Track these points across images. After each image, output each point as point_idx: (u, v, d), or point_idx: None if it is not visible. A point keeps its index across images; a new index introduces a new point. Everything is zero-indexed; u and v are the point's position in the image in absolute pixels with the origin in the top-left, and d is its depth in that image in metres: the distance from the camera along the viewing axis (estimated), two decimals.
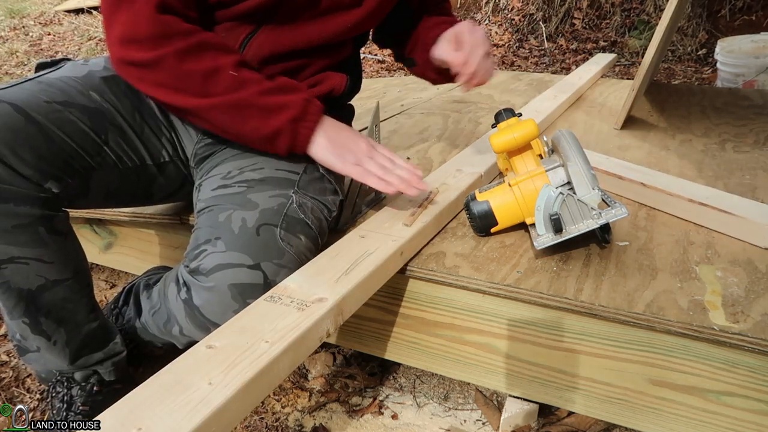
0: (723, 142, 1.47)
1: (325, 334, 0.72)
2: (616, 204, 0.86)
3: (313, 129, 0.91)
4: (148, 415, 0.54)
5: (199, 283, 0.82)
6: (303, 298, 0.73)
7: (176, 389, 0.57)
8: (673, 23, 1.61)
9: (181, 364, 0.62)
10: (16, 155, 0.77)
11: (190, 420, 0.53)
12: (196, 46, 0.84)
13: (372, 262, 0.82)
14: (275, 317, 0.70)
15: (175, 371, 0.60)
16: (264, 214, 0.85)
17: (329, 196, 0.97)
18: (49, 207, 0.83)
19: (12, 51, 4.30)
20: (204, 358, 0.62)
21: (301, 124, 0.89)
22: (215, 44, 0.87)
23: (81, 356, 0.94)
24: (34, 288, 0.84)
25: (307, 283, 0.78)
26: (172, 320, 0.90)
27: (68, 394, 0.97)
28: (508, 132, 0.94)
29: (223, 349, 0.64)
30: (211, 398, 0.56)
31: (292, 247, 0.85)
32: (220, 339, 0.66)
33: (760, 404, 0.78)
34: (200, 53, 0.85)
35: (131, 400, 0.57)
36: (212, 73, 0.85)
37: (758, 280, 0.85)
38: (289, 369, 0.67)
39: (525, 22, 4.35)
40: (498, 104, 1.93)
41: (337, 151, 0.92)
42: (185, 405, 0.55)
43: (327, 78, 1.03)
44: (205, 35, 0.87)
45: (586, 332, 0.85)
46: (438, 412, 1.07)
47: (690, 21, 3.85)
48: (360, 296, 0.80)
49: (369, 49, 4.31)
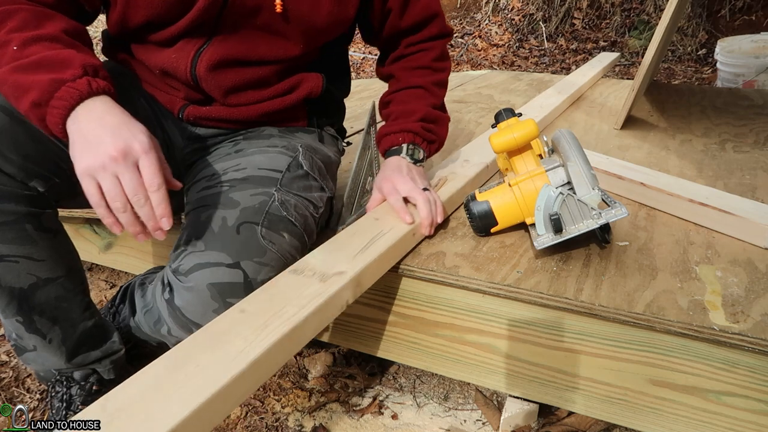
0: (723, 142, 1.47)
1: (345, 303, 0.79)
2: (616, 204, 0.86)
3: (60, 116, 0.72)
4: (193, 364, 0.62)
5: (180, 283, 0.82)
6: (324, 271, 0.80)
7: (218, 343, 0.65)
8: (673, 23, 1.61)
9: (219, 325, 0.69)
10: (0, 154, 0.78)
11: (225, 374, 0.60)
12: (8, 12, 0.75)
13: (387, 241, 0.88)
14: (300, 287, 0.76)
15: (214, 330, 0.68)
16: (245, 213, 0.85)
17: (315, 193, 0.96)
18: (36, 204, 0.83)
19: None
20: (239, 320, 0.70)
21: (45, 110, 0.72)
22: (24, 18, 0.76)
23: (78, 354, 0.94)
24: (26, 286, 0.84)
25: (328, 258, 0.84)
26: (161, 320, 0.90)
27: (67, 394, 0.97)
28: (508, 132, 0.94)
29: (254, 313, 0.71)
30: (249, 351, 0.63)
31: (275, 245, 0.84)
32: (251, 304, 0.73)
33: (760, 404, 0.78)
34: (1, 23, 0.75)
35: (183, 347, 0.65)
36: (4, 43, 0.74)
37: (758, 280, 0.85)
38: (314, 332, 0.74)
39: (525, 22, 4.35)
40: (498, 104, 1.93)
41: (82, 147, 0.71)
42: (224, 358, 0.63)
43: (303, 81, 1.01)
44: (18, 8, 0.76)
45: (586, 332, 0.85)
46: (438, 412, 1.07)
47: (690, 21, 3.85)
48: (376, 271, 0.86)
49: (369, 49, 4.31)
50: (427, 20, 1.06)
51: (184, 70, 0.92)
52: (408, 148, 1.02)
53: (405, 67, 1.09)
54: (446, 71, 1.11)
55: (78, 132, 0.71)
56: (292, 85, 1.01)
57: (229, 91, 0.96)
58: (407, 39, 1.08)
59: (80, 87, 0.72)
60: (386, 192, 0.98)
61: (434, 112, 1.05)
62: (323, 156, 1.04)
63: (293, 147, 0.99)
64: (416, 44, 1.08)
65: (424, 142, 1.03)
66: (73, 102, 0.72)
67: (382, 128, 1.06)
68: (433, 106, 1.06)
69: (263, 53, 0.94)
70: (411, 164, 1.01)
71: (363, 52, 4.39)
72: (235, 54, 0.93)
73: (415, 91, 1.07)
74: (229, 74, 0.94)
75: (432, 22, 1.07)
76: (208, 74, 0.93)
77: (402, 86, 1.08)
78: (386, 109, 1.10)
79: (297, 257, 0.87)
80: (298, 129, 1.07)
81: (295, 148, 0.99)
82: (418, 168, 1.02)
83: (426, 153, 1.04)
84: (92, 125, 0.71)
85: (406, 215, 0.94)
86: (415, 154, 1.02)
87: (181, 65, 0.92)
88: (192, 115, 0.99)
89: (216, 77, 0.94)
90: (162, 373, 0.61)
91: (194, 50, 0.92)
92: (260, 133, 1.03)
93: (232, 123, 1.02)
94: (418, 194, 0.95)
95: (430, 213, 0.95)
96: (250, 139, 1.01)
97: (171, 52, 0.92)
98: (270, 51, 0.94)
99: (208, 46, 0.92)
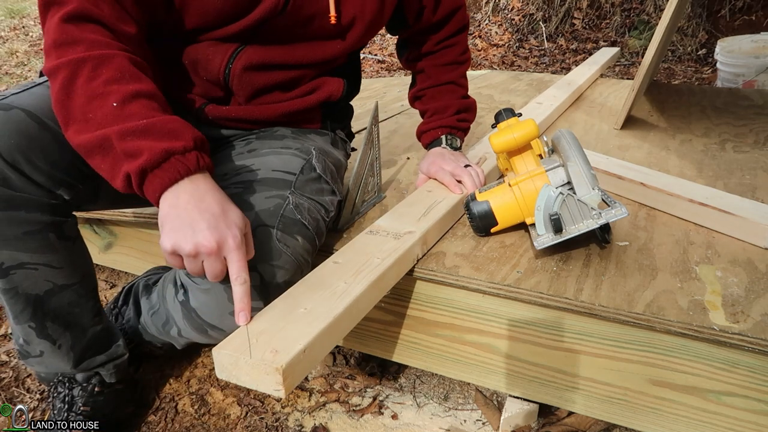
0: (723, 142, 1.47)
1: (416, 256, 0.93)
2: (616, 204, 0.86)
3: (162, 186, 0.71)
4: (308, 301, 0.74)
5: (196, 285, 0.82)
6: (396, 232, 0.93)
7: (323, 286, 0.78)
8: (673, 23, 1.61)
9: (318, 274, 0.82)
10: (30, 162, 0.77)
11: (338, 306, 0.73)
12: (95, 61, 0.72)
13: (443, 207, 1.02)
14: (379, 243, 0.90)
15: (316, 277, 0.81)
16: (260, 216, 0.84)
17: (327, 197, 0.96)
18: (60, 213, 0.83)
19: (12, 51, 4.30)
20: (334, 269, 0.83)
21: (146, 176, 0.71)
22: (120, 66, 0.74)
23: (84, 359, 0.94)
24: (41, 293, 0.84)
25: (396, 221, 0.97)
26: (170, 321, 0.90)
27: (69, 395, 0.97)
28: (508, 132, 0.94)
29: (346, 263, 0.84)
30: (350, 290, 0.77)
31: (289, 248, 0.84)
32: (342, 257, 0.86)
33: (760, 404, 0.78)
34: (96, 71, 0.72)
35: (292, 294, 0.77)
36: (96, 97, 0.71)
37: (758, 280, 0.85)
38: (395, 279, 0.88)
39: (525, 22, 4.35)
40: (498, 104, 1.93)
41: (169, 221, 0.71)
42: (332, 296, 0.76)
43: (324, 84, 1.03)
44: (114, 53, 0.74)
45: (586, 332, 0.85)
46: (438, 412, 1.07)
47: (690, 21, 3.85)
48: (437, 232, 1.00)
49: (369, 49, 4.31)
50: (455, 11, 1.15)
51: (218, 66, 0.92)
52: (447, 139, 1.16)
53: (435, 64, 1.19)
54: (468, 61, 1.23)
55: (174, 207, 0.71)
56: (314, 86, 1.02)
57: (257, 92, 0.96)
58: (437, 35, 1.17)
59: (189, 161, 0.72)
60: (434, 172, 1.11)
61: (465, 102, 1.19)
62: (334, 159, 1.05)
63: (306, 149, 0.99)
64: (444, 41, 1.18)
65: (459, 131, 1.18)
66: (179, 175, 0.71)
67: (421, 125, 1.21)
68: (462, 96, 1.20)
69: (300, 57, 0.96)
70: (451, 150, 1.15)
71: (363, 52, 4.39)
72: (274, 57, 0.93)
73: (447, 86, 1.19)
74: (263, 76, 0.95)
75: (458, 12, 1.16)
76: (243, 74, 0.93)
77: (434, 83, 1.19)
78: (420, 103, 1.22)
79: (309, 260, 0.88)
80: (311, 131, 1.07)
81: (309, 150, 0.99)
82: (457, 153, 1.16)
83: (462, 140, 1.20)
84: (191, 206, 0.71)
85: (456, 187, 1.07)
86: (453, 143, 1.17)
87: (215, 60, 0.92)
88: (212, 114, 0.98)
89: (250, 77, 0.94)
90: (295, 300, 0.76)
91: (233, 48, 0.92)
92: (273, 133, 1.02)
93: (250, 123, 1.02)
94: (462, 171, 1.08)
95: (475, 183, 1.07)
96: (262, 138, 1.01)
97: (207, 45, 0.92)
98: (307, 55, 0.96)
99: (248, 46, 0.92)
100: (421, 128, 1.20)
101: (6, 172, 0.75)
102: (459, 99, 1.19)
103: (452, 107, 1.17)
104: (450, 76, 1.18)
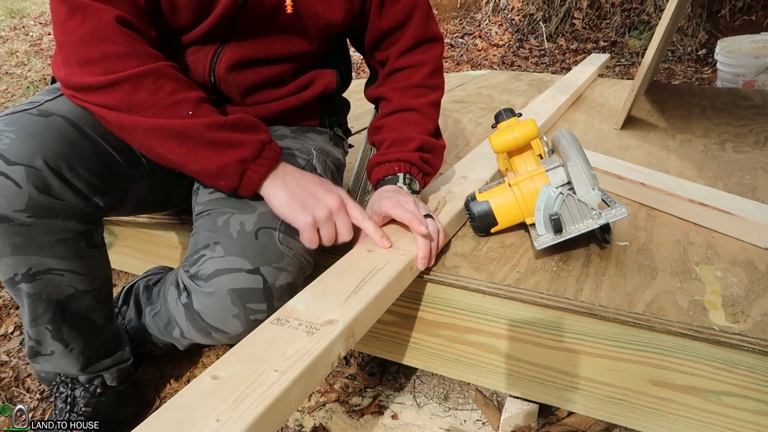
0: (723, 142, 1.47)
1: (336, 358, 0.67)
2: (616, 204, 0.86)
3: (264, 174, 0.82)
4: None
5: (199, 288, 0.82)
6: (312, 320, 0.68)
7: (182, 428, 0.52)
8: (673, 23, 1.61)
9: (186, 398, 0.56)
10: (71, 169, 0.77)
11: None
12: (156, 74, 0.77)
13: (382, 279, 0.77)
14: (284, 342, 0.64)
15: (180, 406, 0.55)
16: (262, 218, 0.84)
17: None
18: (91, 221, 0.84)
19: (12, 51, 4.30)
20: (210, 390, 0.57)
21: (250, 166, 0.80)
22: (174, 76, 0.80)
23: (92, 363, 0.94)
24: (63, 297, 0.84)
25: (316, 303, 0.72)
26: (172, 323, 0.90)
27: (71, 395, 0.97)
28: (508, 132, 0.94)
29: (229, 380, 0.58)
30: None
31: (291, 250, 0.84)
32: (225, 368, 0.60)
33: (760, 404, 0.78)
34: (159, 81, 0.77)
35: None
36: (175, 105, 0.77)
37: (758, 280, 0.85)
38: (301, 399, 0.62)
39: (525, 22, 4.35)
40: (498, 104, 1.93)
41: (293, 203, 0.81)
42: None
43: (317, 77, 1.02)
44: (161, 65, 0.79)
45: (586, 332, 0.85)
46: (438, 412, 1.07)
47: (690, 21, 3.85)
48: (371, 316, 0.75)
49: None
50: (410, 15, 0.98)
51: (203, 71, 0.92)
52: (405, 178, 0.93)
53: (397, 87, 1.01)
54: (440, 89, 1.03)
55: (289, 191, 0.82)
56: (307, 81, 1.01)
57: (248, 90, 0.96)
58: (395, 47, 1.01)
59: (276, 150, 0.84)
60: (388, 207, 0.87)
61: (431, 141, 0.97)
62: (334, 159, 1.05)
63: (307, 150, 0.99)
64: (406, 54, 1.01)
65: (420, 173, 0.95)
66: (276, 163, 0.83)
67: (375, 156, 0.97)
68: (428, 133, 0.98)
69: (279, 51, 0.95)
70: (409, 191, 0.93)
71: None
72: (252, 53, 0.93)
73: (410, 115, 0.98)
74: (249, 74, 0.95)
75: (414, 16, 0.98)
76: (228, 74, 0.93)
77: (395, 108, 0.99)
78: (378, 135, 1.00)
79: (312, 262, 0.88)
80: (310, 129, 1.07)
81: (309, 151, 0.99)
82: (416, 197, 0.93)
83: (421, 185, 0.97)
84: (300, 184, 0.83)
85: (419, 225, 0.83)
86: (413, 185, 0.94)
87: (199, 67, 0.92)
88: None
89: (235, 77, 0.94)
90: None
91: (212, 51, 0.92)
92: (273, 133, 1.02)
93: None
94: (419, 225, 0.84)
95: (429, 248, 0.86)
96: None
97: (188, 54, 0.92)
98: (285, 48, 0.95)
99: (225, 47, 0.92)
100: (375, 159, 0.96)
101: (49, 179, 0.75)
102: (424, 134, 0.96)
103: (415, 141, 0.94)
104: (414, 102, 0.98)
